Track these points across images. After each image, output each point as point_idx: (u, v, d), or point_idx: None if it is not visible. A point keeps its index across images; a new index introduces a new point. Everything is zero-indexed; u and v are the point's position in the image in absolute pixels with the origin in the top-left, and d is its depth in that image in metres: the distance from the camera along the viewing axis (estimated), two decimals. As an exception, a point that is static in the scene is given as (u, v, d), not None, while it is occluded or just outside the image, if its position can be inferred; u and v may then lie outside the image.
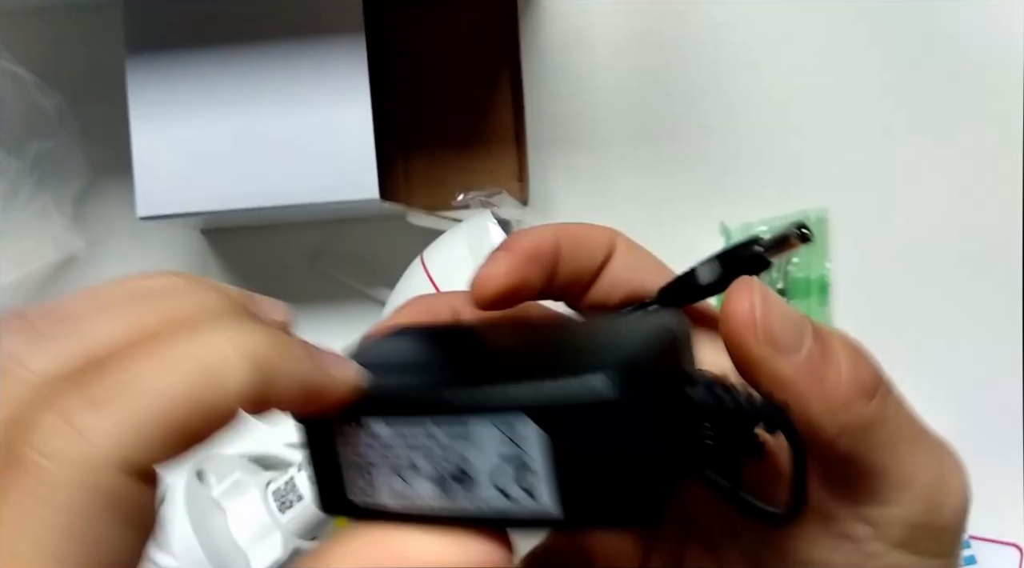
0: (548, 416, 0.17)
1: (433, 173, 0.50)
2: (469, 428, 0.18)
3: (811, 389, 0.19)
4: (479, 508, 0.18)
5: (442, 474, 0.18)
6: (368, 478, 0.19)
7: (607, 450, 0.17)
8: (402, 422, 0.18)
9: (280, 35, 0.43)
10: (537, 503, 0.17)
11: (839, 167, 0.50)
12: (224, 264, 0.52)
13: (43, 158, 0.50)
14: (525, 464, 0.17)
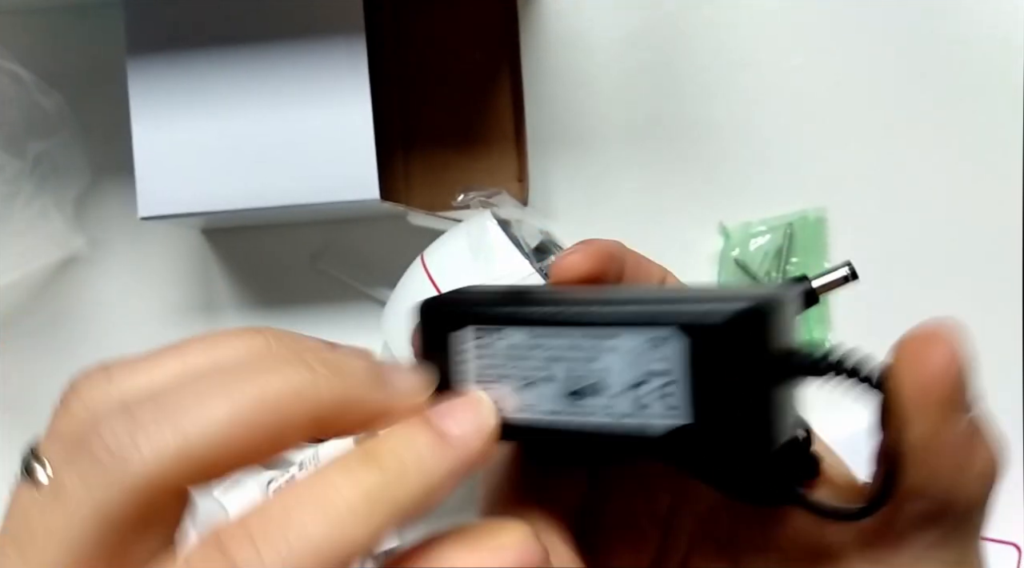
0: (699, 331, 0.18)
1: (433, 173, 0.50)
2: (619, 339, 0.19)
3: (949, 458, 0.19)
4: (604, 419, 0.19)
5: (580, 384, 0.19)
6: (490, 385, 0.20)
7: (743, 373, 0.18)
8: (548, 333, 0.20)
9: (280, 35, 0.43)
10: (671, 411, 0.19)
11: (838, 167, 0.50)
12: (225, 264, 0.52)
13: (44, 158, 0.50)
14: (669, 374, 0.18)
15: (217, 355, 0.19)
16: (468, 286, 0.24)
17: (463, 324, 0.21)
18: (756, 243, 0.49)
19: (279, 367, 0.18)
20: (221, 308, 0.52)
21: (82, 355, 0.52)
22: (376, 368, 0.19)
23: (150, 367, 0.19)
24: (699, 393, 0.18)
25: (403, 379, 0.19)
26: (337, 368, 0.18)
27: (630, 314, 0.19)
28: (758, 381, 0.18)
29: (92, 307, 0.52)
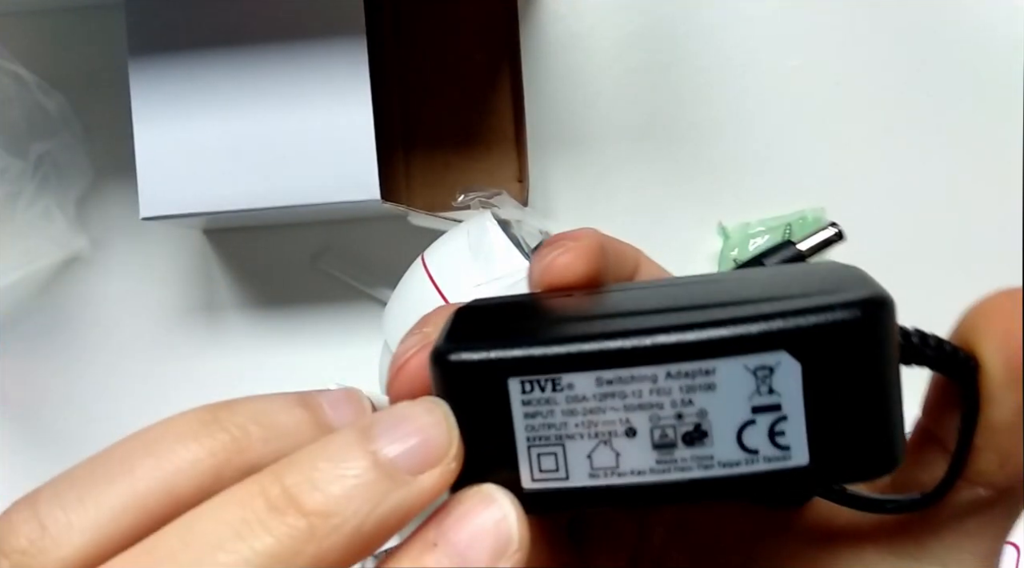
0: (811, 349, 0.15)
1: (433, 174, 0.50)
2: (717, 375, 0.15)
3: None
4: (709, 471, 0.15)
5: (670, 435, 0.16)
6: (558, 455, 0.16)
7: (862, 386, 0.15)
8: (622, 376, 0.15)
9: (281, 36, 0.43)
10: (783, 453, 0.15)
11: (837, 168, 0.50)
12: (226, 264, 0.52)
13: (46, 159, 0.51)
14: (780, 410, 0.15)
15: (167, 476, 0.15)
16: (474, 304, 0.19)
17: (503, 377, 0.16)
18: (755, 243, 0.49)
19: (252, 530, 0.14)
20: (222, 308, 0.52)
21: (83, 355, 0.52)
22: (386, 463, 0.15)
23: (94, 501, 0.15)
24: (817, 425, 0.15)
25: (423, 462, 0.15)
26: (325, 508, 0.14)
27: (725, 338, 0.15)
28: (887, 391, 0.15)
29: (94, 307, 0.53)
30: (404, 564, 0.15)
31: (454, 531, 0.15)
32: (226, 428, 0.16)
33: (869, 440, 0.15)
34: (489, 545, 0.15)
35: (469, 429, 0.16)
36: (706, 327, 0.15)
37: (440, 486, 0.16)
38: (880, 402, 0.15)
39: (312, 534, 0.14)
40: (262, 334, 0.52)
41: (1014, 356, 0.17)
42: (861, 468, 0.16)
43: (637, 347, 0.15)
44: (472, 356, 0.16)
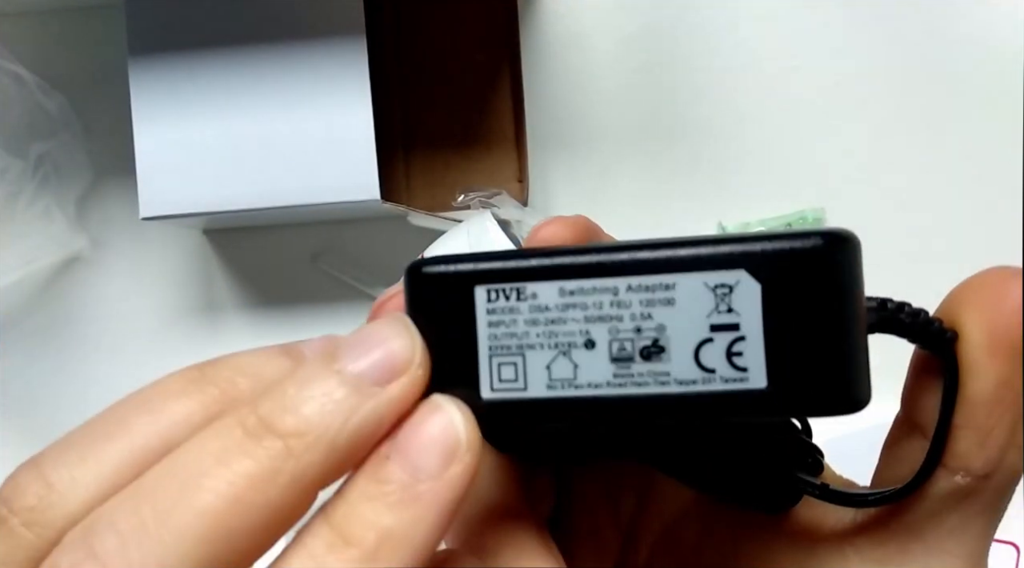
0: (771, 272, 0.15)
1: (433, 174, 0.50)
2: (676, 290, 0.15)
3: (1007, 417, 0.17)
4: (665, 388, 0.16)
5: (628, 348, 0.16)
6: (517, 365, 0.16)
7: (821, 316, 0.15)
8: (584, 287, 0.16)
9: (282, 36, 0.43)
10: (740, 375, 0.15)
11: (836, 168, 0.50)
12: (226, 264, 0.52)
13: (46, 159, 0.51)
14: (738, 330, 0.15)
15: (162, 429, 0.16)
16: None
17: (469, 285, 0.17)
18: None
19: (233, 455, 0.15)
20: (222, 308, 0.52)
21: (83, 355, 0.52)
22: (352, 379, 0.16)
23: (94, 458, 0.16)
24: (775, 349, 0.15)
25: (388, 373, 0.16)
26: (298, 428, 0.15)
27: (687, 256, 0.15)
28: (848, 327, 0.15)
29: (94, 307, 0.53)
30: (361, 481, 0.16)
31: (404, 442, 0.16)
32: (214, 382, 0.17)
33: (828, 373, 0.15)
34: (438, 450, 0.16)
35: (436, 339, 0.17)
36: (669, 246, 0.16)
37: (409, 393, 0.16)
38: (839, 336, 0.15)
39: (289, 453, 0.15)
40: (262, 334, 0.52)
41: (996, 325, 0.17)
42: (820, 401, 0.15)
43: (601, 260, 0.16)
44: (443, 268, 0.17)
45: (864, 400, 0.16)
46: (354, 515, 0.15)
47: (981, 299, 0.17)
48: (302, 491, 0.15)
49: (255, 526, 0.15)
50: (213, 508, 0.15)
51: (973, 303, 0.17)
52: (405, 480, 0.16)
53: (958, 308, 0.17)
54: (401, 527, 0.15)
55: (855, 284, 0.16)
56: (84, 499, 0.15)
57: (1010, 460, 0.17)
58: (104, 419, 0.17)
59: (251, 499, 0.15)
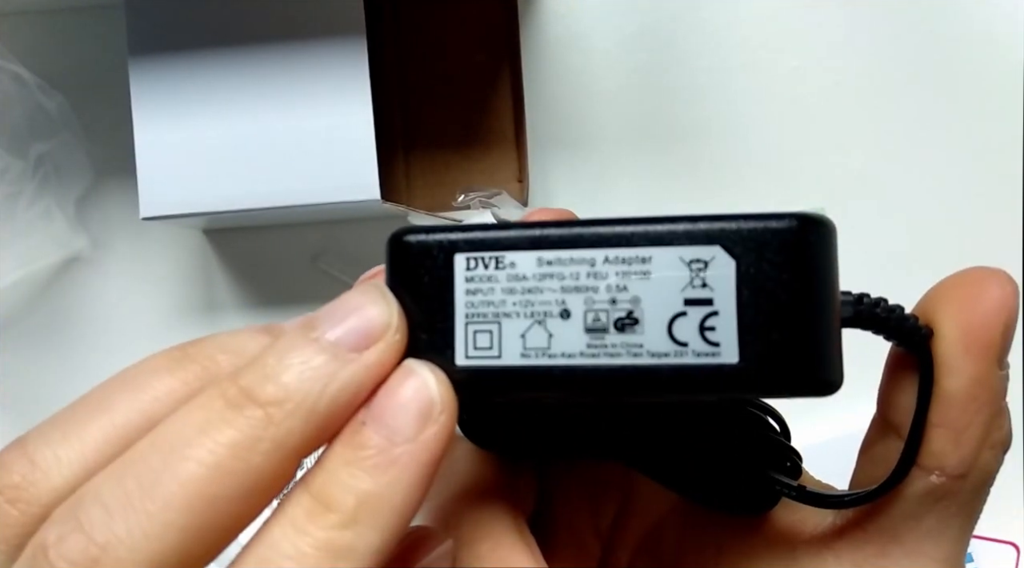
0: (745, 249, 0.15)
1: (433, 174, 0.50)
2: (652, 263, 0.16)
3: (981, 415, 0.17)
4: (638, 359, 0.16)
5: (602, 319, 0.16)
6: (493, 333, 0.17)
7: (793, 296, 0.15)
8: (561, 257, 0.16)
9: (282, 36, 0.43)
10: (712, 350, 0.16)
11: (836, 169, 0.50)
12: (226, 264, 0.52)
13: (46, 159, 0.51)
14: (711, 304, 0.16)
15: (144, 406, 0.17)
16: None
17: (449, 253, 0.17)
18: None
19: (214, 425, 0.15)
20: (222, 308, 0.52)
21: (82, 355, 0.52)
22: (329, 346, 0.16)
23: (77, 436, 0.16)
24: (748, 326, 0.15)
25: (365, 339, 0.16)
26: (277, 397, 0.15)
27: (664, 231, 0.16)
28: (818, 308, 0.15)
29: (94, 307, 0.53)
30: (339, 448, 0.16)
31: (379, 407, 0.16)
32: (196, 359, 0.17)
33: (799, 353, 0.15)
34: (413, 412, 0.16)
35: (414, 306, 0.17)
36: (647, 221, 0.16)
37: (387, 359, 0.16)
38: (810, 317, 0.15)
39: (269, 421, 0.15)
40: (262, 334, 0.52)
41: (972, 322, 0.17)
42: (790, 380, 0.15)
43: (579, 233, 0.16)
44: (424, 237, 0.17)
45: (834, 383, 0.16)
46: (332, 481, 0.16)
47: (957, 297, 0.17)
48: (284, 458, 0.15)
49: (238, 494, 0.15)
50: (196, 477, 0.15)
51: (949, 301, 0.17)
52: (381, 444, 0.16)
53: (935, 305, 0.18)
54: (379, 490, 0.15)
55: (828, 267, 0.16)
56: (67, 476, 0.16)
57: (984, 459, 0.18)
58: (87, 398, 0.17)
59: (233, 467, 0.15)
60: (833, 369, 0.16)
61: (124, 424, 0.16)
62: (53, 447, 0.16)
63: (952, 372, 0.17)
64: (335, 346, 0.16)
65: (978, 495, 0.18)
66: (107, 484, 0.15)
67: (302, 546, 0.15)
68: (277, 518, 0.16)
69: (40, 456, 0.16)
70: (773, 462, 0.20)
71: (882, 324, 0.17)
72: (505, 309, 0.16)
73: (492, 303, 0.16)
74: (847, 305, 0.17)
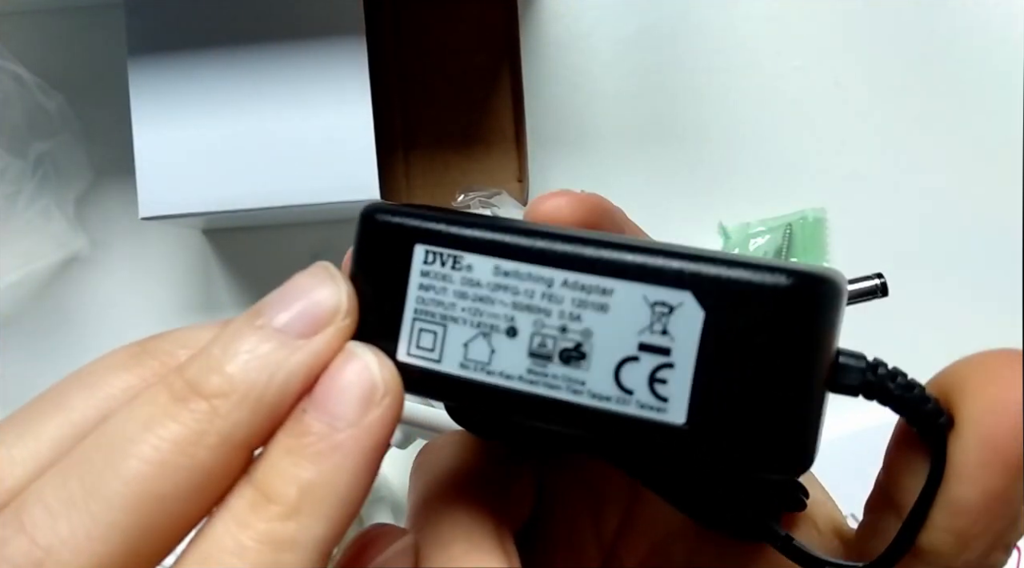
0: (721, 301, 0.14)
1: (433, 173, 0.50)
2: (613, 297, 0.14)
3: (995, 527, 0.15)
4: (577, 397, 0.14)
5: (548, 346, 0.15)
6: (437, 335, 0.16)
7: (768, 367, 0.13)
8: (520, 270, 0.15)
9: (281, 36, 0.43)
10: (658, 404, 0.14)
11: (837, 167, 0.50)
12: (225, 264, 0.52)
13: (45, 158, 0.50)
14: (668, 355, 0.14)
15: (100, 403, 0.16)
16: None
17: (410, 241, 0.16)
18: (755, 243, 0.49)
19: (158, 421, 0.15)
20: (221, 308, 0.52)
21: (82, 355, 0.52)
22: (276, 333, 0.15)
23: (33, 435, 0.16)
24: (704, 387, 0.14)
25: (313, 324, 0.16)
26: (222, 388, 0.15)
27: (632, 263, 0.14)
28: (798, 386, 0.14)
29: (93, 307, 0.52)
30: (281, 437, 0.15)
31: (320, 392, 0.15)
32: (154, 355, 0.17)
33: (758, 427, 0.14)
34: (355, 396, 0.15)
35: (370, 289, 0.16)
36: (618, 248, 0.14)
37: (335, 344, 0.16)
38: (784, 395, 0.14)
39: (215, 413, 0.15)
40: (262, 334, 0.52)
41: (999, 429, 0.14)
42: (744, 458, 0.14)
43: (541, 247, 0.15)
44: (393, 219, 0.16)
45: (798, 466, 0.14)
46: (274, 472, 0.15)
47: (985, 393, 0.15)
48: (231, 451, 0.15)
49: (185, 491, 0.15)
50: (139, 474, 0.14)
51: (975, 395, 0.15)
52: (323, 430, 0.15)
53: (956, 394, 0.15)
54: (322, 478, 0.15)
55: (819, 338, 0.14)
56: (20, 476, 0.15)
57: (993, 560, 0.16)
58: (44, 396, 0.17)
59: (179, 463, 0.14)
60: (799, 453, 0.14)
61: (80, 421, 0.16)
62: (8, 447, 0.16)
63: (966, 480, 0.15)
64: (282, 333, 0.16)
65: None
66: (51, 484, 0.15)
67: (244, 540, 0.14)
68: (220, 512, 0.15)
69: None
70: (775, 494, 0.19)
71: (896, 402, 0.15)
72: (453, 313, 0.15)
73: (442, 304, 0.16)
74: (855, 372, 0.15)
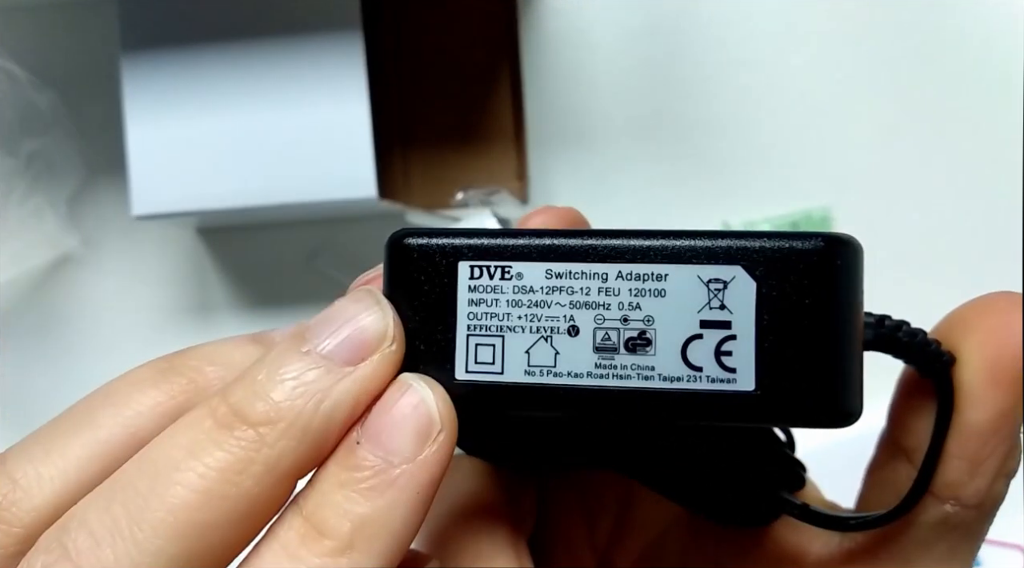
0: (768, 270, 0.15)
1: (432, 171, 0.49)
2: (668, 281, 0.15)
3: (1002, 447, 0.17)
4: (649, 382, 0.15)
5: (612, 338, 0.15)
6: (496, 347, 0.16)
7: (816, 322, 0.15)
8: (572, 270, 0.15)
9: (277, 32, 0.43)
10: (728, 375, 0.15)
11: (842, 165, 0.50)
12: (220, 264, 0.52)
13: (37, 156, 0.50)
14: (729, 328, 0.15)
15: (128, 421, 0.16)
16: None
17: (453, 259, 0.16)
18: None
19: (203, 448, 0.14)
20: (216, 308, 0.52)
21: (75, 356, 0.52)
22: (322, 360, 0.15)
23: (60, 453, 0.16)
24: (767, 352, 0.15)
25: (360, 351, 0.16)
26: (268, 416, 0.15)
27: (682, 247, 0.15)
28: (842, 336, 0.15)
29: (86, 307, 0.52)
30: (332, 468, 0.15)
31: (374, 425, 0.15)
32: (182, 372, 0.16)
33: (819, 382, 0.15)
34: (411, 430, 0.15)
35: (413, 315, 0.16)
36: (665, 236, 0.15)
37: (383, 371, 0.16)
38: (833, 345, 0.15)
39: (262, 442, 0.14)
40: (257, 335, 0.51)
41: (999, 353, 0.16)
42: (809, 411, 0.15)
43: (592, 245, 0.15)
44: (427, 241, 0.16)
45: (855, 414, 0.15)
46: (327, 504, 0.15)
47: (984, 325, 0.16)
48: (278, 481, 0.15)
49: (231, 520, 0.14)
50: (185, 503, 0.14)
51: (975, 328, 0.17)
52: (378, 465, 0.15)
53: (958, 332, 0.17)
54: (377, 515, 0.15)
55: (854, 292, 0.15)
56: (49, 494, 0.15)
57: (997, 488, 0.17)
58: (70, 413, 0.16)
59: (225, 492, 0.14)
60: (853, 400, 0.15)
61: (108, 439, 0.16)
62: (35, 464, 0.15)
63: (976, 404, 0.16)
64: (328, 359, 0.15)
65: (988, 522, 0.18)
66: (93, 509, 0.14)
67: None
68: (268, 542, 0.15)
69: (21, 473, 0.15)
70: (777, 473, 0.19)
71: (903, 349, 0.17)
72: (510, 323, 0.16)
73: (496, 315, 0.16)
74: (868, 328, 0.16)
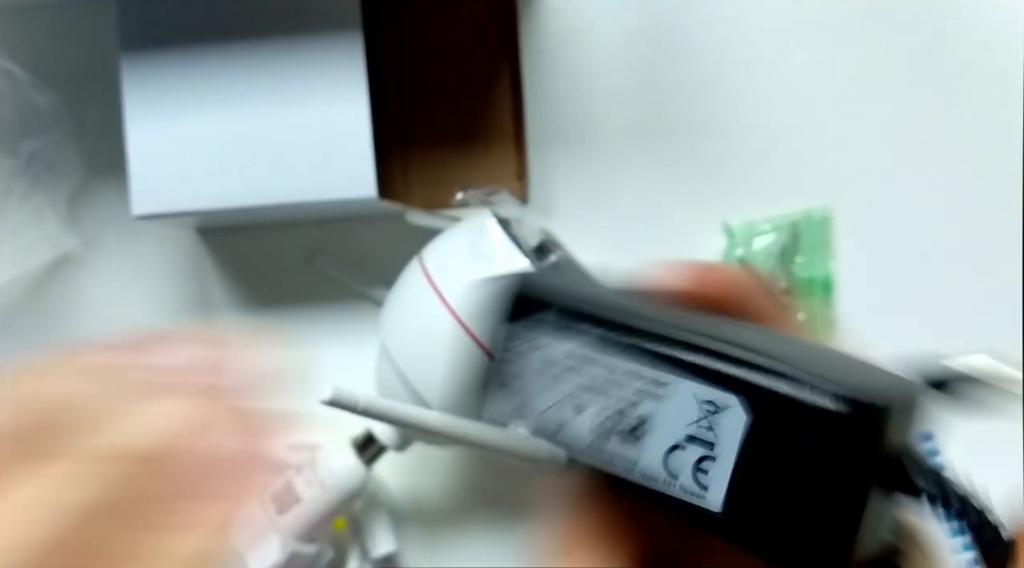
0: (771, 411, 0.15)
1: (432, 171, 0.49)
2: (667, 390, 0.16)
3: None
4: (629, 475, 0.16)
5: (608, 425, 0.16)
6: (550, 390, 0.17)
7: (805, 477, 0.14)
8: (588, 356, 0.17)
9: (277, 32, 0.43)
10: (699, 490, 0.15)
11: (843, 165, 0.49)
12: (220, 264, 0.52)
13: (37, 156, 0.50)
14: (711, 449, 0.15)
15: None
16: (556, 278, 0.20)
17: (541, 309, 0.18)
18: (760, 242, 0.49)
19: None
20: (216, 308, 0.52)
21: (76, 356, 0.52)
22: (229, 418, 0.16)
23: None
24: (742, 483, 0.15)
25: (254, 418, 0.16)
26: None
27: (689, 362, 0.15)
28: (836, 500, 0.14)
29: (86, 307, 0.52)
30: None
31: None
32: None
33: (794, 528, 0.14)
34: None
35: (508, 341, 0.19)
36: (680, 346, 0.16)
37: None
38: (823, 500, 0.14)
39: None
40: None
41: None
42: (776, 549, 0.15)
43: (611, 338, 0.17)
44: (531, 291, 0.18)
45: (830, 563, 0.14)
46: None
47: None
48: None
49: None
50: None
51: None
52: None
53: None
54: None
55: (866, 463, 0.14)
56: None
57: None
58: None
59: None
60: (827, 558, 0.14)
61: None
62: None
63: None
64: None
65: None
66: None
67: None
68: None
69: None
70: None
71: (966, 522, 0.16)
72: (527, 379, 0.18)
73: (552, 366, 0.18)
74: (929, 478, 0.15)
